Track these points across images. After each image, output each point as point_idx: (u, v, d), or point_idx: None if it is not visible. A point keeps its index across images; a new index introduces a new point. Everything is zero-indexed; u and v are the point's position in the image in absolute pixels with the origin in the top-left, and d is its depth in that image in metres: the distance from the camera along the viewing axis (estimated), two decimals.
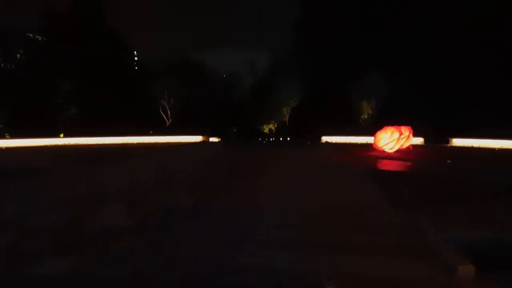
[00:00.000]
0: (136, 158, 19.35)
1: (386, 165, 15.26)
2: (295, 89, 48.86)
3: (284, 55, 49.87)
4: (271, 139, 51.80)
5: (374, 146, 20.31)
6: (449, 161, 16.23)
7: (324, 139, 38.06)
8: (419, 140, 30.88)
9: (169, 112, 47.48)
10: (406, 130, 21.53)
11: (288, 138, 47.63)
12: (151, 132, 38.57)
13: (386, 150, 19.83)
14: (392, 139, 19.57)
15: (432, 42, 33.56)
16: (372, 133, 23.55)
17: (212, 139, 42.68)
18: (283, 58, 49.93)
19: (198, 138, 40.41)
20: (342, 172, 12.86)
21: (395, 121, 24.95)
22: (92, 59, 38.91)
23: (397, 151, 20.13)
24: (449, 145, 31.04)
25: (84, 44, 38.97)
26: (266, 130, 56.04)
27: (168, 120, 47.71)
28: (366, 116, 41.08)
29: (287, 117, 50.37)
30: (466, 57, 31.08)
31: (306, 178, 11.35)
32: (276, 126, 55.30)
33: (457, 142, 31.00)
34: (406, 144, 21.50)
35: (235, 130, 52.43)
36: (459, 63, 31.60)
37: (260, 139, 50.14)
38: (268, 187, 9.77)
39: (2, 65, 58.97)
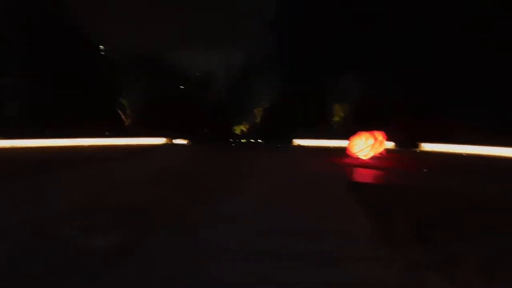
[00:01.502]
0: (62, 168, 15.48)
1: (365, 176, 14.48)
2: (268, 89, 47.94)
3: (258, 55, 48.93)
4: (242, 141, 50.57)
5: (348, 152, 19.58)
6: (425, 170, 15.70)
7: (296, 142, 37.40)
8: (390, 144, 30.76)
9: (128, 111, 44.76)
10: (379, 135, 21.03)
11: (260, 140, 46.63)
12: (107, 133, 35.61)
13: (360, 156, 19.17)
14: (366, 145, 18.93)
15: (406, 46, 33.55)
16: (344, 136, 22.96)
17: (178, 141, 40.88)
18: (258, 58, 48.95)
19: (161, 141, 38.51)
20: (320, 188, 11.86)
21: (368, 124, 24.55)
22: (39, 49, 34.76)
23: (372, 157, 19.54)
24: (418, 149, 31.14)
25: (26, 31, 34.64)
26: (238, 131, 54.80)
27: (128, 120, 44.94)
28: (338, 119, 40.77)
29: (259, 119, 49.35)
30: (439, 61, 31.20)
31: (278, 198, 10.24)
32: (248, 127, 54.18)
33: (426, 147, 31.18)
34: (380, 150, 21.00)
35: (206, 131, 50.77)
36: (432, 67, 31.71)
37: (232, 140, 48.77)
38: (224, 215, 7.90)
39: None
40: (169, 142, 39.39)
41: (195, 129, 45.97)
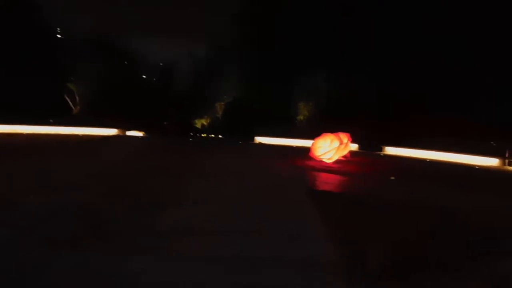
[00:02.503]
0: None
1: (328, 183, 12.93)
2: (232, 84, 46.04)
3: (223, 47, 47.12)
4: (202, 135, 48.40)
5: (311, 154, 18.04)
6: (392, 178, 14.45)
7: (258, 139, 35.73)
8: (354, 146, 29.86)
9: (77, 98, 41.07)
10: (345, 137, 19.76)
11: (220, 136, 44.56)
12: (51, 121, 32.19)
13: (324, 160, 17.72)
14: (331, 148, 17.49)
15: (377, 47, 32.84)
16: (308, 136, 21.51)
17: (132, 133, 38.02)
18: (222, 51, 47.11)
19: (111, 132, 35.45)
20: (273, 197, 10.10)
21: (333, 125, 23.34)
22: None
23: (336, 161, 18.18)
24: (382, 153, 30.49)
25: None
26: (199, 125, 52.49)
27: (76, 108, 41.30)
28: (302, 118, 39.54)
29: (220, 113, 47.22)
30: (408, 64, 30.69)
31: (216, 209, 8.36)
32: (209, 121, 51.95)
33: (390, 150, 30.59)
34: (344, 152, 19.75)
35: (166, 123, 48.12)
36: (401, 70, 31.17)
37: (192, 134, 46.51)
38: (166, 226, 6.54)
39: None
40: (121, 133, 36.39)
41: (154, 121, 43.31)
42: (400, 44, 32.21)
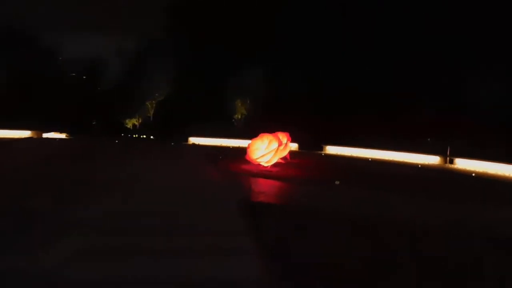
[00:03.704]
0: None
1: (266, 193, 10.63)
2: (164, 81, 42.50)
3: (154, 43, 43.43)
4: (133, 136, 44.21)
5: (247, 158, 15.70)
6: (337, 182, 12.64)
7: (192, 140, 32.76)
8: (294, 146, 28.27)
9: None
10: (284, 137, 17.78)
11: (152, 137, 40.73)
12: None
13: (262, 163, 15.48)
14: (269, 150, 15.29)
15: (316, 43, 31.61)
16: (245, 135, 19.22)
17: (50, 135, 33.13)
18: (153, 46, 43.37)
19: (24, 134, 30.52)
20: (198, 217, 7.53)
21: (271, 123, 21.41)
22: None
23: (275, 164, 16.05)
24: (323, 152, 29.30)
25: None
26: (130, 125, 48.05)
27: None
28: (239, 117, 37.27)
29: (152, 112, 43.33)
30: (351, 62, 29.78)
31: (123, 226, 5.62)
32: (140, 121, 47.73)
33: (331, 149, 29.49)
34: (284, 154, 17.77)
35: (94, 123, 43.29)
36: (343, 67, 30.19)
37: (122, 135, 42.23)
38: None
39: None
40: (35, 135, 31.43)
41: (80, 121, 38.51)
42: (336, 39, 31.30)
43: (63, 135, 34.45)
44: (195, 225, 6.29)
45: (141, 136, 42.88)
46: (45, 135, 32.71)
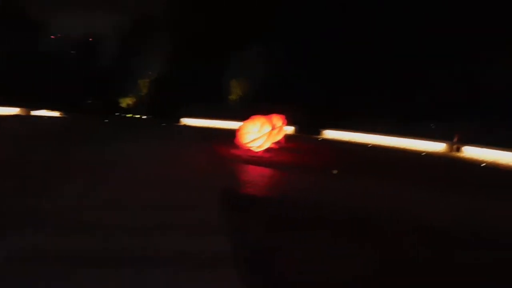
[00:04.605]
0: None
1: (254, 184, 9.31)
2: (158, 59, 40.98)
3: (149, 19, 41.76)
4: (127, 116, 43.07)
5: (237, 142, 14.39)
6: (335, 171, 11.40)
7: (184, 121, 31.41)
8: (291, 129, 26.98)
9: None
10: (278, 120, 16.41)
11: (144, 116, 39.39)
12: None
13: (253, 148, 14.18)
14: (262, 134, 13.98)
15: (315, 23, 29.84)
16: (240, 117, 17.90)
17: (39, 113, 31.82)
18: (147, 23, 41.77)
19: (12, 111, 29.33)
20: (176, 206, 6.25)
21: (267, 105, 20.03)
22: None
23: (267, 149, 14.76)
24: (320, 137, 28.01)
25: None
26: (124, 105, 46.77)
27: None
28: (235, 97, 35.76)
29: (144, 91, 41.79)
30: (350, 43, 28.10)
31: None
32: (134, 100, 46.37)
33: (329, 134, 28.20)
34: (278, 138, 16.47)
35: (89, 102, 42.14)
36: (342, 49, 28.52)
37: (117, 114, 41.16)
38: None
39: None
40: (23, 113, 30.27)
41: (74, 99, 37.25)
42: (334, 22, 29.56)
43: (55, 113, 33.37)
44: (162, 224, 5.02)
45: (134, 116, 41.64)
46: (34, 113, 31.44)
